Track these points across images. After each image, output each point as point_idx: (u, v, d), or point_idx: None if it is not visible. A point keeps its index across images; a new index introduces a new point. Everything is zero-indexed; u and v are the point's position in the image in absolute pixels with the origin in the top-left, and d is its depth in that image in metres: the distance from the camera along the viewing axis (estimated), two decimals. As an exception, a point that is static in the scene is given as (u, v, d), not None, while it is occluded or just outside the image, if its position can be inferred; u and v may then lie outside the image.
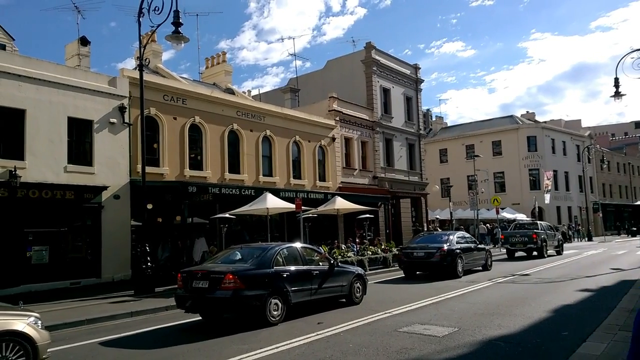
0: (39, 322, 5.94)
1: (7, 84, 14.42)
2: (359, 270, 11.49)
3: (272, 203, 16.68)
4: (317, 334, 7.63)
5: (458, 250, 15.67)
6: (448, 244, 15.71)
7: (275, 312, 8.67)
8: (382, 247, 20.31)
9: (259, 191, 18.16)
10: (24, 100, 14.76)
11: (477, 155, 36.79)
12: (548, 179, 38.76)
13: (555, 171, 44.43)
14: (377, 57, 31.45)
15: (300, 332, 7.83)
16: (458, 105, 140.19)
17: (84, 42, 21.14)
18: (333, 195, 21.32)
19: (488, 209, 36.67)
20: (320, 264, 10.27)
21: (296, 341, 7.23)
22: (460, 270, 15.44)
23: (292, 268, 9.38)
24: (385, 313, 9.23)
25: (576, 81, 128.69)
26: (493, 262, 18.48)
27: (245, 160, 21.76)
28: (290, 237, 20.88)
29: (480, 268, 17.26)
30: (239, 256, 9.66)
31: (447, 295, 11.31)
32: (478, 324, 7.96)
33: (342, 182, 26.88)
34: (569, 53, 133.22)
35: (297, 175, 24.44)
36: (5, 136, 14.49)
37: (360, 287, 10.91)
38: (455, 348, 6.57)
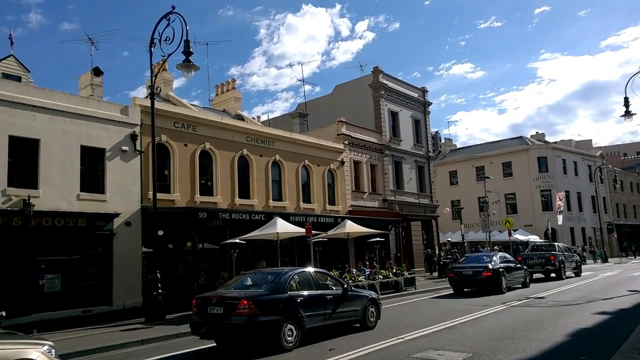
0: (53, 350, 5.95)
1: (22, 114, 14.80)
2: (373, 294, 11.43)
3: (282, 227, 16.66)
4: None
5: (501, 269, 17.40)
6: (492, 263, 17.46)
7: (289, 338, 8.60)
8: (394, 270, 20.09)
9: (269, 216, 18.19)
10: (38, 130, 15.10)
11: (487, 177, 36.59)
12: (560, 200, 38.32)
13: (567, 192, 43.93)
14: (385, 81, 31.80)
15: (313, 358, 7.70)
16: (468, 126, 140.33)
17: (97, 72, 21.71)
18: (343, 218, 21.26)
19: (500, 231, 36.24)
20: (334, 288, 10.23)
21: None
22: (505, 286, 17.16)
23: (306, 293, 9.35)
24: (398, 338, 9.06)
25: (587, 100, 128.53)
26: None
27: (255, 185, 21.87)
28: (301, 261, 20.76)
29: (520, 285, 18.82)
30: (252, 281, 9.68)
31: (460, 319, 11.09)
32: (493, 349, 7.78)
33: (351, 205, 26.83)
34: (579, 72, 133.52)
35: (307, 199, 24.46)
36: (19, 165, 14.77)
37: (375, 311, 10.83)
38: (470, 374, 6.43)
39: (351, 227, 19.70)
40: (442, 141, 57.43)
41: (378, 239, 21.92)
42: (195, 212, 16.50)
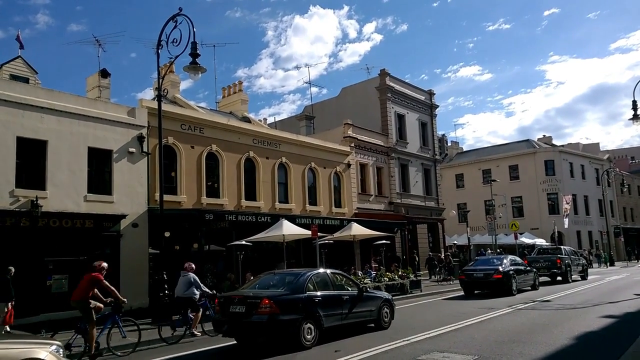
0: (61, 350, 6.01)
1: (30, 116, 14.95)
2: (387, 295, 11.77)
3: (288, 230, 16.71)
4: (334, 362, 7.51)
5: (511, 272, 17.66)
6: (503, 266, 17.68)
7: (308, 336, 8.87)
8: (399, 273, 20.06)
9: (275, 218, 18.24)
10: (46, 131, 15.24)
11: (494, 180, 36.46)
12: (567, 203, 38.07)
13: (574, 195, 43.63)
14: (392, 84, 31.80)
15: (320, 359, 7.71)
16: (475, 129, 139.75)
17: (104, 74, 21.87)
18: (349, 221, 21.27)
19: (506, 234, 36.05)
20: (349, 289, 10.48)
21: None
22: (515, 288, 17.36)
23: (324, 293, 9.63)
24: (404, 340, 9.04)
25: (596, 104, 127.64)
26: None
27: (262, 188, 21.93)
28: (307, 263, 20.77)
29: (529, 288, 19.01)
30: (272, 282, 9.99)
31: (466, 322, 11.05)
32: (499, 352, 7.74)
33: (357, 208, 26.82)
34: (588, 75, 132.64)
35: (313, 201, 24.49)
36: (27, 167, 14.91)
37: (389, 312, 11.10)
38: (476, 377, 6.40)
39: (357, 230, 19.71)
40: (449, 144, 57.29)
41: (384, 241, 21.91)
42: (202, 214, 16.58)
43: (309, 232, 17.05)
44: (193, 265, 12.20)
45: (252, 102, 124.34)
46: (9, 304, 12.23)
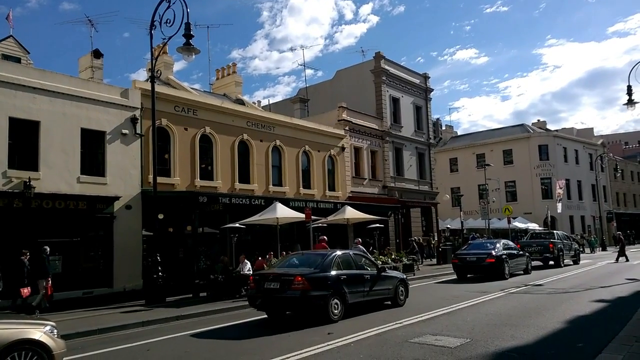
0: (55, 330, 6.04)
1: (22, 96, 14.71)
2: (403, 275, 12.72)
3: (282, 213, 16.71)
4: (328, 344, 7.58)
5: (504, 256, 17.74)
6: (495, 250, 17.78)
7: (335, 311, 9.68)
8: (392, 256, 20.20)
9: (268, 201, 18.22)
10: (39, 112, 15.03)
11: (487, 164, 36.58)
12: (560, 188, 38.34)
13: (567, 180, 43.93)
14: (387, 67, 31.56)
15: (311, 342, 7.78)
16: (471, 113, 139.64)
17: (97, 54, 21.52)
18: (343, 204, 21.30)
19: (499, 219, 36.32)
20: (369, 269, 11.19)
21: (308, 350, 7.17)
22: (507, 273, 17.42)
23: (348, 272, 10.43)
24: (397, 323, 9.15)
25: (592, 88, 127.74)
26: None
27: (255, 170, 21.86)
28: (300, 246, 20.85)
29: (522, 272, 19.09)
30: (299, 261, 10.83)
31: (458, 305, 11.19)
32: (491, 335, 7.85)
33: (351, 191, 26.85)
34: (585, 59, 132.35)
35: (307, 185, 24.47)
36: (20, 147, 14.74)
37: (404, 290, 11.88)
38: (468, 359, 6.49)
39: (351, 213, 19.75)
40: (443, 128, 57.26)
41: (377, 225, 22.00)
42: (196, 196, 16.52)
43: (303, 215, 17.07)
44: None
45: (247, 84, 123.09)
46: (47, 279, 13.12)
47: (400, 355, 6.78)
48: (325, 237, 16.22)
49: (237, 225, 16.94)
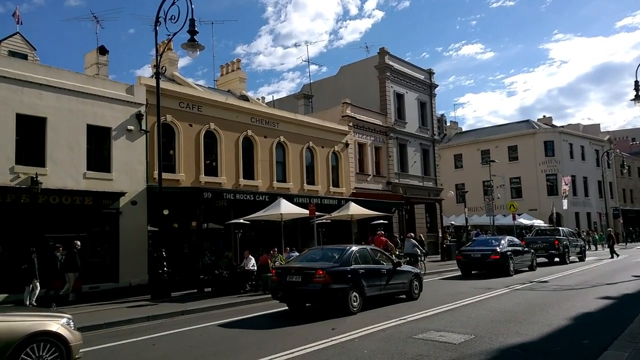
0: (72, 323, 6.17)
1: (29, 92, 14.80)
2: (417, 270, 13.19)
3: (286, 209, 16.75)
4: (333, 339, 7.62)
5: (509, 253, 17.70)
6: (500, 247, 17.76)
7: (354, 303, 10.08)
8: (397, 253, 20.19)
9: (273, 197, 18.26)
10: (45, 108, 15.11)
11: (492, 161, 36.43)
12: (566, 185, 38.16)
13: (573, 176, 43.67)
14: (391, 63, 31.46)
15: (316, 338, 7.82)
16: (476, 109, 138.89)
17: (102, 51, 21.59)
18: (347, 201, 21.32)
19: (504, 215, 36.25)
20: (385, 264, 11.54)
21: (313, 345, 7.21)
22: (512, 269, 17.38)
23: (366, 266, 10.80)
24: (400, 319, 9.17)
25: (599, 83, 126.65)
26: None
27: (260, 167, 21.90)
28: (304, 242, 20.91)
29: (527, 268, 19.09)
30: (318, 256, 11.19)
31: (462, 302, 11.20)
32: (495, 331, 7.86)
33: (355, 187, 26.85)
34: (592, 54, 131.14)
35: (311, 181, 24.49)
36: (27, 143, 14.84)
37: (418, 285, 12.24)
38: (472, 356, 6.50)
39: (355, 209, 19.77)
40: (448, 124, 57.07)
41: (381, 221, 22.01)
42: (200, 192, 16.58)
43: (307, 212, 17.10)
44: None
45: (251, 80, 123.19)
46: (77, 273, 13.95)
47: (404, 351, 6.80)
48: (382, 231, 18.69)
49: (241, 221, 17.00)
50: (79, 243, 14.38)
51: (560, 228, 25.84)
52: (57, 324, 5.91)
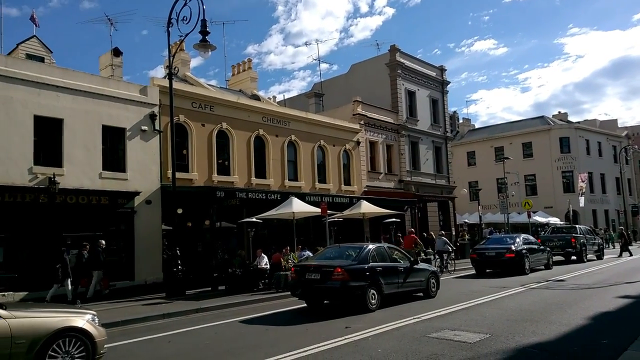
0: (96, 319, 6.29)
1: (46, 94, 15.05)
2: (434, 268, 13.29)
3: (298, 207, 16.78)
4: (347, 338, 7.62)
5: (524, 251, 17.46)
6: (515, 245, 17.53)
7: (373, 301, 10.18)
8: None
9: (284, 196, 18.31)
10: (62, 110, 15.36)
11: (506, 158, 36.05)
12: (582, 182, 37.60)
13: (590, 173, 43.02)
14: (402, 60, 31.30)
15: (330, 336, 7.82)
16: (489, 105, 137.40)
17: (116, 53, 21.83)
18: (358, 199, 21.28)
19: (519, 213, 35.85)
20: (402, 262, 11.59)
21: (327, 344, 7.22)
22: (527, 268, 17.15)
23: (383, 264, 10.90)
24: (414, 318, 9.13)
25: (617, 78, 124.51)
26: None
27: (271, 165, 21.97)
28: (316, 241, 20.91)
29: (543, 267, 18.89)
30: (336, 254, 11.34)
31: (477, 300, 11.11)
32: (511, 331, 7.78)
33: (367, 186, 26.79)
34: (609, 48, 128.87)
35: (322, 179, 24.50)
36: (45, 144, 15.10)
37: (435, 283, 12.28)
38: (488, 355, 6.45)
39: (367, 208, 19.73)
40: (460, 121, 56.62)
41: (394, 219, 21.94)
42: (213, 191, 16.69)
43: (319, 210, 17.11)
44: None
45: (262, 79, 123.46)
46: (102, 271, 14.38)
47: (418, 350, 6.77)
48: (413, 229, 19.75)
49: (253, 219, 17.08)
50: (103, 242, 14.74)
51: (577, 226, 25.50)
52: (83, 320, 6.06)
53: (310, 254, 16.25)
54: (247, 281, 14.95)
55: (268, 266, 15.63)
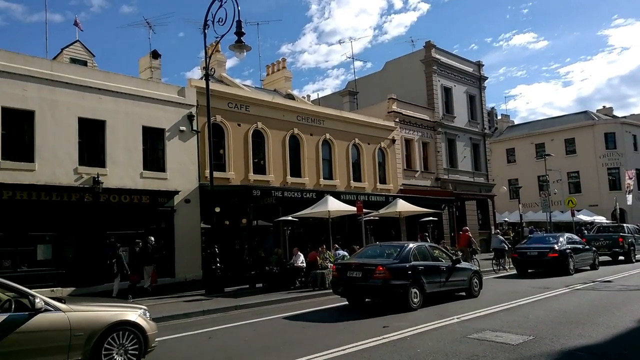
0: (147, 313, 6.52)
1: (89, 97, 15.67)
2: (476, 267, 13.26)
3: (333, 206, 16.77)
4: (383, 338, 7.55)
5: (568, 250, 16.96)
6: (559, 244, 17.06)
7: (415, 299, 10.17)
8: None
9: (319, 194, 18.34)
10: (104, 111, 15.95)
11: (548, 154, 34.79)
12: (630, 179, 35.83)
13: (638, 170, 40.96)
14: (438, 56, 30.77)
15: (367, 334, 7.78)
16: (529, 100, 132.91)
17: (155, 55, 22.48)
18: (394, 197, 21.06)
19: (562, 211, 34.56)
20: (443, 260, 11.53)
21: (365, 343, 7.18)
22: (572, 268, 16.64)
23: (425, 263, 10.87)
24: (453, 318, 8.96)
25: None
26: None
27: (306, 164, 22.07)
28: (351, 239, 20.84)
29: (589, 267, 18.31)
30: (377, 252, 11.39)
31: (519, 301, 10.78)
32: (556, 333, 7.51)
33: (403, 184, 26.49)
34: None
35: (357, 177, 24.40)
36: (88, 145, 15.74)
37: (478, 282, 12.17)
38: (531, 358, 6.24)
39: (403, 206, 19.49)
40: (499, 117, 55.07)
41: (431, 218, 21.60)
42: (250, 190, 16.91)
43: (354, 209, 17.04)
44: None
45: (296, 79, 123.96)
46: (152, 267, 14.97)
47: (458, 351, 6.63)
48: (467, 227, 19.99)
49: (289, 218, 17.20)
50: (152, 238, 15.23)
51: (624, 225, 24.33)
52: (135, 314, 6.29)
53: (346, 254, 16.23)
54: (284, 279, 15.07)
55: (304, 264, 15.71)
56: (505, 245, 19.62)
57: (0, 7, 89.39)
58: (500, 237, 20.17)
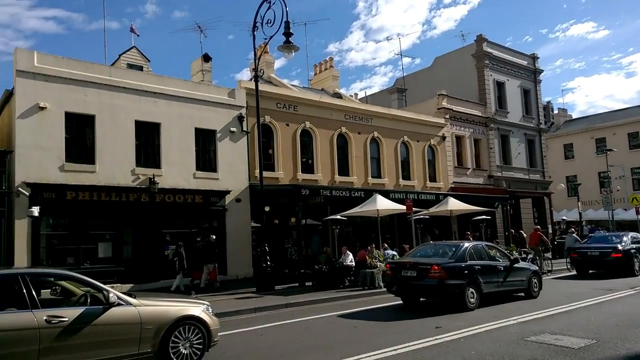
0: (210, 309, 6.76)
1: (145, 100, 16.41)
2: (535, 267, 12.73)
3: (382, 204, 16.61)
4: (435, 338, 7.40)
5: (633, 250, 16.17)
6: (622, 244, 16.30)
7: (472, 299, 9.98)
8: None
9: (368, 193, 18.24)
10: (159, 114, 16.66)
11: (610, 150, 32.77)
12: None
13: None
14: (489, 50, 29.76)
15: (419, 335, 7.66)
16: (588, 93, 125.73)
17: (206, 58, 23.19)
18: (445, 195, 20.59)
19: (625, 209, 32.46)
20: (501, 260, 11.26)
21: (417, 343, 7.08)
22: (638, 269, 15.91)
23: (481, 263, 10.64)
24: (509, 320, 8.63)
25: None
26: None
27: (354, 163, 22.01)
28: (401, 238, 20.61)
29: None
30: (432, 251, 11.27)
31: (579, 303, 10.24)
32: (621, 337, 7.07)
33: (454, 182, 25.84)
34: None
35: (406, 176, 24.06)
36: (144, 147, 16.49)
37: (537, 282, 11.81)
38: (596, 362, 5.91)
39: (454, 205, 19.01)
40: (556, 111, 52.47)
41: (484, 216, 20.94)
42: (298, 190, 17.09)
43: (403, 207, 16.80)
44: None
45: (343, 77, 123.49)
46: (214, 265, 15.58)
47: (516, 354, 6.39)
48: (539, 226, 19.92)
49: (338, 217, 17.22)
50: (214, 237, 15.77)
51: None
52: (199, 309, 6.52)
53: (395, 253, 16.04)
54: (333, 278, 15.10)
55: (353, 263, 15.66)
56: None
57: (62, 17, 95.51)
58: (575, 236, 19.68)
